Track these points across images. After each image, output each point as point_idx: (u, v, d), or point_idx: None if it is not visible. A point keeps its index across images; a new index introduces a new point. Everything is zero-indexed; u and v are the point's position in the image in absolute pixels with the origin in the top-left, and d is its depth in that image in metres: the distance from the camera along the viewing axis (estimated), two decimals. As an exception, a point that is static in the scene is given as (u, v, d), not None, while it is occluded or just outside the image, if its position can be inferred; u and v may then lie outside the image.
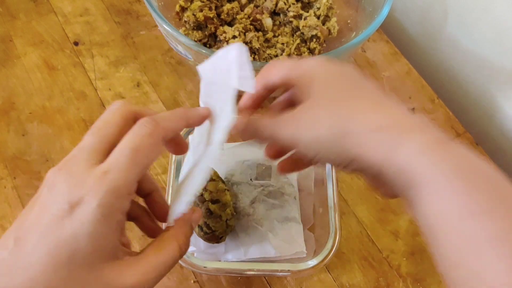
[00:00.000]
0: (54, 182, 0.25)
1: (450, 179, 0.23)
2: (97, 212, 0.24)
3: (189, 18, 0.50)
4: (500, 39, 0.51)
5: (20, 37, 0.55)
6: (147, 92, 0.52)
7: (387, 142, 0.25)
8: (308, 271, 0.39)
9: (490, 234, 0.22)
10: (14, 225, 0.26)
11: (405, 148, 0.24)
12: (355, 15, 0.53)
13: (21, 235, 0.25)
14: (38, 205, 0.25)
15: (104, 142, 0.26)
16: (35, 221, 0.25)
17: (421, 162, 0.24)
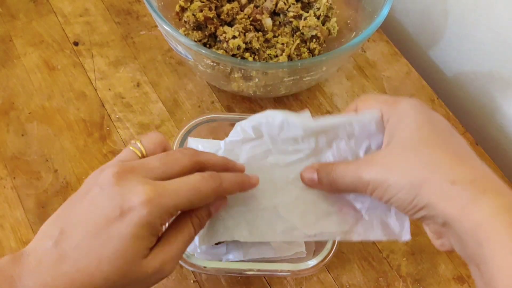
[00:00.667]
0: (108, 184, 0.28)
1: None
2: (144, 220, 0.27)
3: (189, 18, 0.50)
4: (500, 39, 0.51)
5: (20, 37, 0.55)
6: (147, 92, 0.52)
7: (464, 197, 0.25)
8: (308, 271, 0.39)
9: None
10: (60, 213, 0.30)
11: (481, 207, 0.25)
12: (355, 15, 0.54)
13: (68, 228, 0.28)
14: (88, 202, 0.29)
15: (166, 173, 0.30)
16: (84, 218, 0.28)
17: (494, 223, 0.25)
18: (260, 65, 0.43)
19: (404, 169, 0.28)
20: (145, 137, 0.33)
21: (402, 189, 0.27)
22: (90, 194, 0.29)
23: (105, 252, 0.28)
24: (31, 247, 0.29)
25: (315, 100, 0.54)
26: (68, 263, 0.28)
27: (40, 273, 0.28)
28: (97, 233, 0.28)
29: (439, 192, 0.26)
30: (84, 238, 0.28)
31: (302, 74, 0.44)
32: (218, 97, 0.53)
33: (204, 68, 0.45)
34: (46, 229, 0.30)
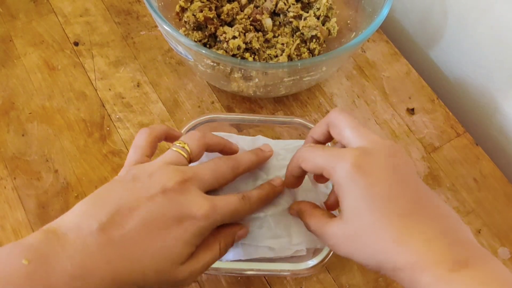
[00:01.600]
0: (172, 190, 0.31)
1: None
2: (200, 230, 0.31)
3: (189, 19, 0.50)
4: (500, 39, 0.51)
5: (20, 37, 0.55)
6: (147, 92, 0.52)
7: (408, 278, 0.27)
8: (307, 271, 0.39)
9: None
10: (106, 197, 0.31)
11: (420, 283, 0.27)
12: (355, 16, 0.54)
13: (118, 217, 0.29)
14: (147, 200, 0.30)
15: (214, 185, 0.34)
16: (141, 212, 0.30)
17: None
18: (260, 65, 0.43)
19: (366, 254, 0.29)
20: (189, 139, 0.36)
21: (368, 265, 0.30)
22: (149, 191, 0.31)
23: (154, 249, 0.29)
24: (69, 226, 0.29)
25: (315, 100, 0.54)
26: (113, 251, 0.28)
27: (82, 257, 0.28)
28: (152, 230, 0.30)
29: (392, 275, 0.29)
30: (137, 230, 0.29)
31: (302, 74, 0.44)
32: (218, 97, 0.53)
33: (204, 68, 0.45)
34: (89, 209, 0.30)
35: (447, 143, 0.52)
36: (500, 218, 0.48)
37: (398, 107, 0.54)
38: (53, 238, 0.28)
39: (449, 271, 0.26)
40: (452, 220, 0.29)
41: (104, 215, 0.29)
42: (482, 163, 0.51)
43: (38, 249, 0.27)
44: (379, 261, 0.29)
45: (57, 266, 0.27)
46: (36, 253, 0.27)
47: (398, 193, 0.29)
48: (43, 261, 0.27)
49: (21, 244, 0.28)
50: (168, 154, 0.34)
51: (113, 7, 0.58)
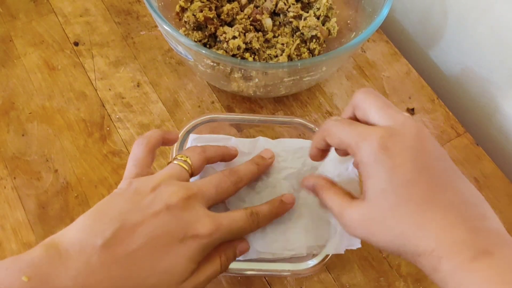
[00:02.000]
0: (176, 207, 0.31)
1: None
2: (203, 247, 0.31)
3: (189, 19, 0.50)
4: (500, 39, 0.51)
5: (20, 37, 0.55)
6: (147, 92, 0.52)
7: (429, 264, 0.27)
8: (308, 271, 0.39)
9: None
10: (108, 212, 0.30)
11: (441, 271, 0.27)
12: (355, 16, 0.54)
13: (122, 233, 0.29)
14: (151, 217, 0.30)
15: (218, 200, 0.35)
16: (145, 229, 0.30)
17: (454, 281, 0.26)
18: (260, 65, 0.43)
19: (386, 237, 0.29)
20: (190, 153, 0.36)
21: (388, 248, 0.30)
22: (153, 207, 0.31)
23: (158, 267, 0.29)
24: (72, 241, 0.28)
25: (315, 100, 0.54)
26: (117, 269, 0.28)
27: (84, 274, 0.27)
28: (156, 248, 0.29)
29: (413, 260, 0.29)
30: (141, 248, 0.29)
31: (302, 74, 0.44)
32: (218, 97, 0.53)
33: (204, 68, 0.45)
34: (92, 225, 0.29)
35: (448, 143, 0.52)
36: (502, 218, 0.47)
37: (398, 107, 0.53)
38: (55, 254, 0.27)
39: (470, 260, 0.25)
40: (477, 207, 0.28)
41: (108, 231, 0.29)
42: (482, 163, 0.51)
43: (38, 266, 0.27)
44: (399, 246, 0.28)
45: (58, 285, 0.26)
46: (36, 270, 0.26)
47: (422, 177, 0.28)
48: (44, 279, 0.26)
49: (21, 259, 0.27)
50: (170, 167, 0.34)
51: (113, 7, 0.58)
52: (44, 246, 0.28)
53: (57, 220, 0.44)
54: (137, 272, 0.29)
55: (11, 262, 0.27)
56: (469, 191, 0.29)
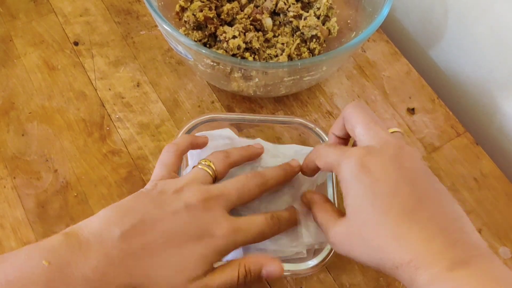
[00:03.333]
0: (196, 208, 0.32)
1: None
2: (218, 249, 0.32)
3: (189, 18, 0.50)
4: (500, 39, 0.51)
5: (20, 37, 0.55)
6: (147, 92, 0.52)
7: (407, 276, 0.27)
8: (308, 271, 0.39)
9: None
10: (130, 207, 0.31)
11: (418, 282, 0.27)
12: (355, 15, 0.53)
13: (141, 226, 0.30)
14: (171, 214, 0.31)
15: (240, 203, 0.35)
16: (163, 225, 0.31)
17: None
18: (260, 65, 0.43)
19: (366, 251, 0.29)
20: (215, 158, 0.37)
21: (368, 264, 0.30)
22: (173, 206, 0.32)
23: (172, 261, 0.30)
24: (92, 231, 0.29)
25: (315, 100, 0.54)
26: (133, 260, 0.29)
27: (102, 264, 0.28)
28: (172, 243, 0.30)
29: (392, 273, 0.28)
30: (158, 242, 0.30)
31: (302, 74, 0.44)
32: (218, 97, 0.53)
33: (204, 68, 0.45)
34: (112, 217, 0.31)
35: (448, 143, 0.52)
36: (501, 218, 0.48)
37: (398, 106, 0.54)
38: (75, 242, 0.28)
39: (447, 270, 0.26)
40: (456, 221, 0.29)
41: (127, 223, 0.30)
42: (482, 162, 0.51)
43: (59, 252, 0.28)
44: (379, 259, 0.28)
45: (77, 272, 0.27)
46: (56, 256, 0.27)
47: (400, 191, 0.29)
48: (64, 265, 0.27)
49: (41, 246, 0.28)
50: (194, 171, 0.35)
51: (113, 6, 0.58)
52: (65, 235, 0.29)
53: (57, 219, 0.44)
54: (151, 265, 0.29)
55: (31, 248, 0.28)
56: (449, 205, 0.29)
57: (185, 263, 0.30)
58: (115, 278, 0.28)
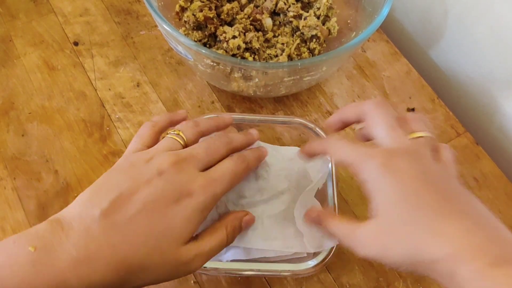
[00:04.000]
0: (168, 172, 0.32)
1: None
2: (199, 206, 0.32)
3: (189, 18, 0.50)
4: (500, 39, 0.51)
5: (20, 37, 0.55)
6: (147, 92, 0.52)
7: (446, 271, 0.26)
8: (308, 271, 0.39)
9: None
10: (106, 185, 0.32)
11: (459, 276, 0.26)
12: (355, 15, 0.53)
13: (120, 202, 0.30)
14: (146, 183, 0.31)
15: (210, 162, 0.35)
16: (140, 196, 0.31)
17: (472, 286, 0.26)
18: (260, 65, 0.43)
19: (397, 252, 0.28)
20: (184, 127, 0.36)
21: (402, 266, 0.29)
22: (147, 175, 0.32)
23: (156, 228, 0.30)
24: (73, 215, 0.30)
25: (315, 100, 0.54)
26: (116, 235, 0.29)
27: (86, 242, 0.28)
28: (153, 212, 0.30)
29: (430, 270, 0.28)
30: (138, 213, 0.30)
31: (302, 74, 0.44)
32: (218, 97, 0.53)
33: (204, 68, 0.45)
34: (91, 198, 0.31)
35: (448, 143, 0.52)
36: (501, 217, 0.47)
37: (398, 106, 0.54)
38: (58, 226, 0.29)
39: (490, 266, 0.25)
40: (489, 218, 0.28)
41: (105, 202, 0.30)
42: (482, 162, 0.51)
43: (43, 237, 0.28)
44: (415, 255, 0.28)
45: (62, 252, 0.28)
46: (41, 241, 0.28)
47: (431, 188, 0.28)
48: (49, 248, 0.28)
49: (27, 233, 0.29)
50: (163, 141, 0.35)
51: (113, 7, 0.58)
52: (48, 221, 0.30)
53: (57, 220, 0.44)
54: (136, 237, 0.30)
55: (17, 236, 0.29)
56: (479, 205, 0.29)
57: (170, 228, 0.31)
58: (98, 251, 0.28)
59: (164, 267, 0.31)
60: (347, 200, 0.48)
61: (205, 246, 0.33)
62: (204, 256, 0.33)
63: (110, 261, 0.29)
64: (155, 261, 0.30)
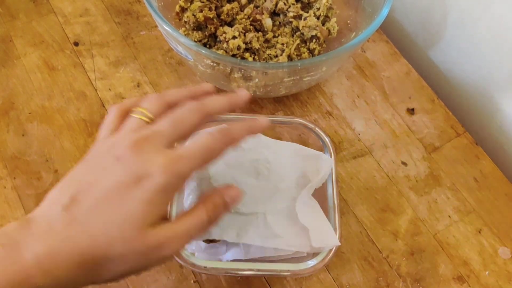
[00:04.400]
0: (125, 155, 0.30)
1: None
2: (159, 187, 0.29)
3: (189, 19, 0.50)
4: (500, 39, 0.51)
5: (20, 37, 0.55)
6: (147, 92, 0.52)
7: None
8: (308, 271, 0.39)
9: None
10: (69, 181, 0.31)
11: None
12: (355, 16, 0.54)
13: (79, 196, 0.29)
14: (102, 171, 0.30)
15: (179, 135, 0.31)
16: (98, 185, 0.29)
17: None
18: (260, 65, 0.43)
19: None
20: (147, 102, 0.33)
21: None
22: (105, 163, 0.30)
23: (115, 216, 0.29)
24: (39, 213, 0.30)
25: (315, 100, 0.54)
26: (76, 227, 0.28)
27: (48, 237, 0.28)
28: (111, 198, 0.29)
29: None
30: (96, 203, 0.29)
31: (302, 74, 0.44)
32: (218, 97, 0.53)
33: (204, 68, 0.45)
34: (55, 195, 0.30)
35: (447, 143, 0.52)
36: (501, 218, 0.48)
37: (398, 107, 0.54)
38: (25, 224, 0.29)
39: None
40: None
41: (66, 197, 0.29)
42: (482, 162, 0.51)
43: (10, 235, 0.28)
44: None
45: (26, 249, 0.28)
46: (8, 238, 0.28)
47: None
48: (14, 245, 0.28)
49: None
50: (126, 123, 0.32)
51: (113, 7, 0.58)
52: (18, 220, 0.30)
53: (57, 220, 0.44)
54: (96, 228, 0.28)
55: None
56: None
57: (131, 213, 0.29)
58: (60, 247, 0.28)
59: (131, 255, 0.29)
60: (347, 200, 0.48)
61: (179, 227, 0.30)
62: (179, 238, 0.30)
63: (72, 255, 0.28)
64: (119, 250, 0.28)
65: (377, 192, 0.48)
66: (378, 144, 0.51)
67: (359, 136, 0.52)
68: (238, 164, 0.40)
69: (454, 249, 0.46)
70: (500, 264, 0.46)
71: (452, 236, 0.47)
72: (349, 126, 0.52)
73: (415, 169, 0.50)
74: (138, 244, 0.29)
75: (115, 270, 0.29)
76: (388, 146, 0.51)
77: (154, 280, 0.42)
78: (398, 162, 0.50)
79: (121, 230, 0.28)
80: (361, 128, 0.52)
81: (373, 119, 0.53)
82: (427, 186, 0.49)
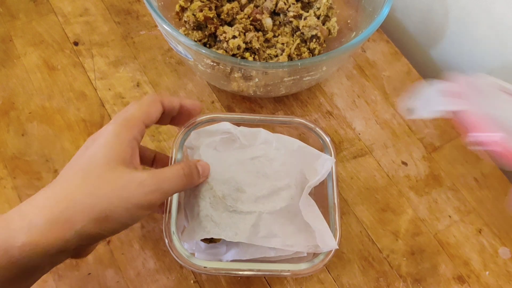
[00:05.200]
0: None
1: None
2: (111, 132, 0.33)
3: (189, 18, 0.50)
4: (500, 39, 0.51)
5: (20, 37, 0.55)
6: (147, 92, 0.52)
7: None
8: (308, 271, 0.39)
9: None
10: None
11: None
12: (355, 15, 0.53)
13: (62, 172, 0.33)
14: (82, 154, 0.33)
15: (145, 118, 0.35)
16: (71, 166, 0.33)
17: None
18: (260, 65, 0.43)
19: None
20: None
21: None
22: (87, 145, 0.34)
23: (91, 163, 0.32)
24: (17, 209, 0.31)
25: (315, 100, 0.54)
26: (56, 189, 0.31)
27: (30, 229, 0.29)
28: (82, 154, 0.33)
29: None
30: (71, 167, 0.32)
31: (302, 74, 0.44)
32: (218, 97, 0.53)
33: (204, 68, 0.45)
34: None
35: (448, 143, 0.52)
36: (501, 218, 0.48)
37: (398, 107, 0.54)
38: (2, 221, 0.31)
39: None
40: None
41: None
42: (482, 162, 0.51)
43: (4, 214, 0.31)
44: None
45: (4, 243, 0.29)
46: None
47: None
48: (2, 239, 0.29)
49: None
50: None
51: (113, 7, 0.58)
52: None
53: (57, 220, 0.44)
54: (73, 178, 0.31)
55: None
56: None
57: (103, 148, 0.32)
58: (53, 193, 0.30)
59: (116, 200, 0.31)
60: (347, 200, 0.48)
61: (156, 175, 0.32)
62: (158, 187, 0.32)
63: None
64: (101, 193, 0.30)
65: (377, 192, 0.48)
66: (378, 144, 0.51)
67: (359, 136, 0.52)
68: (237, 163, 0.40)
69: (454, 249, 0.46)
70: (500, 264, 0.46)
71: (452, 236, 0.47)
72: (349, 126, 0.52)
73: (415, 169, 0.50)
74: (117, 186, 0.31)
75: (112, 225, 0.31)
76: (388, 146, 0.51)
77: (154, 280, 0.42)
78: (399, 162, 0.50)
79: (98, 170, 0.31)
80: (361, 128, 0.52)
81: (373, 119, 0.53)
82: (428, 186, 0.49)
